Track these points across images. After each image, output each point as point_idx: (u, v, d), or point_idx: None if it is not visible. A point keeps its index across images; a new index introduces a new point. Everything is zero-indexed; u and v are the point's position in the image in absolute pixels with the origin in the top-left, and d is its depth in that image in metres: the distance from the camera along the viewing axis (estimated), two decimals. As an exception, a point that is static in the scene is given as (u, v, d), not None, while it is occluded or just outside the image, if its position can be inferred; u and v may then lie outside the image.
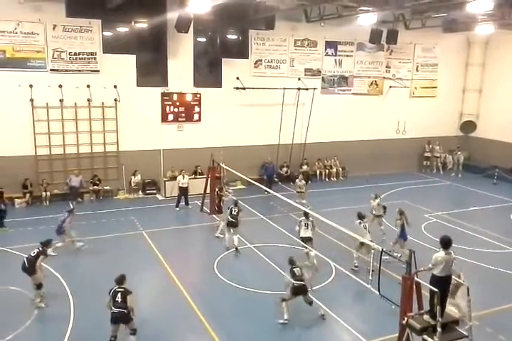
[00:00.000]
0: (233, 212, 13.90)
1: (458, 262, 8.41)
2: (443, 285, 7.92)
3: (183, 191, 18.13)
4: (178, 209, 18.00)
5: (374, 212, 14.57)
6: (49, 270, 12.18)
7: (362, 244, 12.05)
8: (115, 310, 8.72)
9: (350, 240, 13.13)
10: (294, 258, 10.64)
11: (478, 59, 25.55)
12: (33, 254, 10.60)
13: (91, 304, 10.34)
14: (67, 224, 13.27)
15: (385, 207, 14.67)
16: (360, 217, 12.80)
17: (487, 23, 20.50)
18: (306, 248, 12.55)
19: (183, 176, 18.28)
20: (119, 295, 8.73)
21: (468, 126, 26.18)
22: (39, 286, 10.48)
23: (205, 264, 13.05)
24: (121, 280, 8.99)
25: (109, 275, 12.14)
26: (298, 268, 10.17)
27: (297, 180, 18.33)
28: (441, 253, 7.99)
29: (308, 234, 12.61)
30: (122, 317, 8.73)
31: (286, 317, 9.88)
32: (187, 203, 18.20)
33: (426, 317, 8.12)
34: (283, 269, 12.34)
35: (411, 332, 8.07)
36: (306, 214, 12.77)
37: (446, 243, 8.12)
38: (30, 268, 10.45)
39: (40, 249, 10.75)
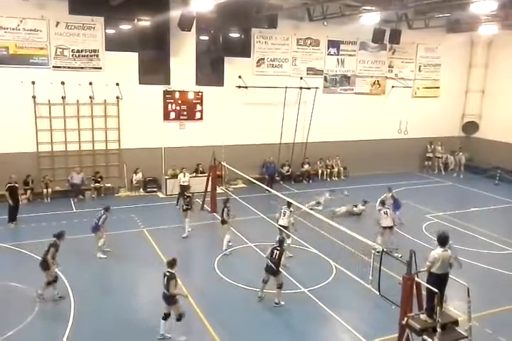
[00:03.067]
0: (224, 211, 14.03)
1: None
2: (440, 283, 7.95)
3: (184, 189, 18.10)
4: (178, 207, 18.00)
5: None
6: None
7: (384, 228, 13.51)
8: (163, 290, 9.26)
9: (350, 240, 13.15)
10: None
11: (481, 59, 25.50)
12: (46, 249, 10.61)
13: (91, 301, 10.38)
14: (102, 223, 13.10)
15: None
16: (382, 203, 14.18)
17: (490, 23, 20.47)
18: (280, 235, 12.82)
19: (184, 174, 18.28)
20: (165, 278, 9.19)
21: (471, 127, 26.15)
22: (49, 283, 10.46)
23: (206, 262, 13.06)
24: (171, 264, 9.30)
25: (110, 272, 12.23)
26: (278, 251, 10.64)
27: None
28: (437, 251, 8.07)
29: (282, 222, 13.22)
30: (164, 298, 9.27)
31: (259, 294, 10.86)
32: None
33: (423, 316, 8.13)
34: (283, 268, 12.38)
35: (411, 333, 8.08)
36: (288, 204, 13.29)
37: (443, 240, 8.19)
38: (43, 262, 10.50)
39: (52, 242, 10.72)
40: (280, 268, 10.72)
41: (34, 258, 12.78)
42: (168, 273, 9.15)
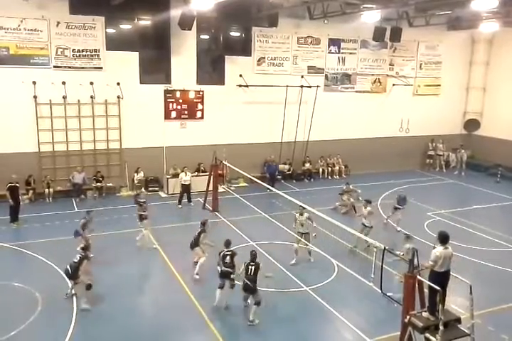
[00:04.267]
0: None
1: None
2: (443, 280, 7.96)
3: (186, 188, 18.16)
4: (180, 206, 18.03)
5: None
6: (50, 265, 12.26)
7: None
8: (223, 268, 10.32)
9: (351, 238, 13.17)
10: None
11: (483, 57, 25.45)
12: (75, 260, 10.30)
13: (92, 301, 10.37)
14: (81, 228, 12.74)
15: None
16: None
17: (491, 20, 20.40)
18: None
19: (186, 173, 18.30)
20: (227, 257, 10.33)
21: (472, 125, 26.12)
22: (88, 287, 10.31)
23: (207, 261, 13.04)
24: (228, 243, 10.59)
25: (111, 272, 12.24)
26: (253, 267, 9.98)
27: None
28: (439, 249, 8.10)
29: (302, 229, 12.85)
30: (228, 274, 10.31)
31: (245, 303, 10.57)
32: (189, 200, 18.23)
33: (425, 314, 8.14)
34: (284, 266, 12.40)
35: (413, 331, 8.09)
36: (301, 212, 12.83)
37: (443, 238, 8.21)
38: (73, 273, 10.25)
39: (82, 254, 10.45)
40: (258, 286, 9.98)
41: (37, 259, 12.86)
42: (229, 253, 10.46)
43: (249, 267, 10.03)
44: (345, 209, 17.34)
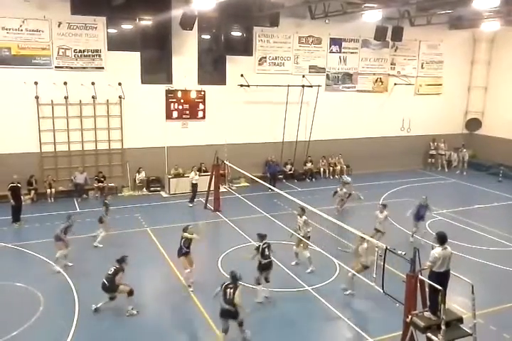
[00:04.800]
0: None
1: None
2: (442, 280, 7.95)
3: (195, 188, 18.23)
4: (191, 205, 18.12)
5: None
6: (52, 265, 12.27)
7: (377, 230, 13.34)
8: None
9: (351, 238, 13.14)
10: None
11: (484, 56, 25.42)
12: (110, 273, 10.18)
13: (96, 300, 10.38)
14: (62, 232, 12.41)
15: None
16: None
17: (493, 20, 20.37)
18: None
19: (195, 172, 18.30)
20: (229, 290, 8.86)
21: (474, 124, 26.08)
22: (130, 293, 10.21)
23: (209, 261, 13.06)
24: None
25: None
26: (232, 289, 8.93)
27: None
28: (437, 250, 8.11)
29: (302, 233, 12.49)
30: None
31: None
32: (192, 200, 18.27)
33: (427, 314, 8.13)
34: (286, 266, 12.40)
35: (415, 330, 8.08)
36: (300, 213, 12.50)
37: (442, 239, 8.21)
38: (110, 286, 10.11)
39: (118, 266, 10.29)
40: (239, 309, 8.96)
41: (38, 259, 12.88)
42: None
43: (228, 290, 8.85)
44: (343, 203, 17.31)
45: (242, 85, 20.89)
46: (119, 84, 18.90)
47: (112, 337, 9.50)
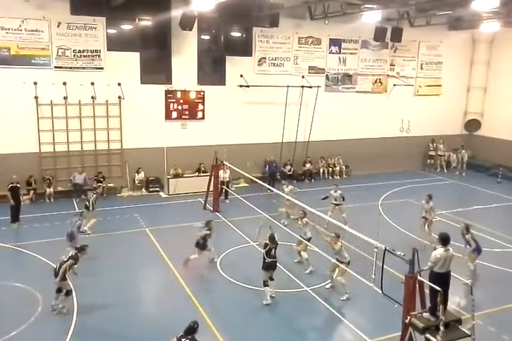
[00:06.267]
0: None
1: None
2: (443, 281, 7.95)
3: (225, 184, 18.40)
4: (228, 201, 18.63)
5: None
6: (51, 265, 12.25)
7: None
8: None
9: (351, 238, 13.13)
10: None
11: (483, 57, 25.44)
12: (64, 259, 10.14)
13: (94, 301, 10.38)
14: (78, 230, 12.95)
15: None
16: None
17: (492, 20, 20.40)
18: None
19: (224, 170, 18.26)
20: None
21: (473, 125, 26.10)
22: (67, 293, 10.18)
23: (209, 262, 13.06)
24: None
25: (112, 271, 12.24)
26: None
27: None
28: (439, 251, 8.13)
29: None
30: None
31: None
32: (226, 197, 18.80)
33: (426, 315, 8.13)
34: (285, 267, 12.39)
35: (414, 331, 8.08)
36: (300, 217, 12.66)
37: (444, 240, 8.22)
38: (58, 271, 10.02)
39: (73, 254, 10.26)
40: None
41: (37, 259, 12.87)
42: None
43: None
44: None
45: (241, 86, 20.89)
46: (119, 84, 18.89)
47: (111, 337, 9.49)
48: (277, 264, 10.95)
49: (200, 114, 20.58)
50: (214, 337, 9.44)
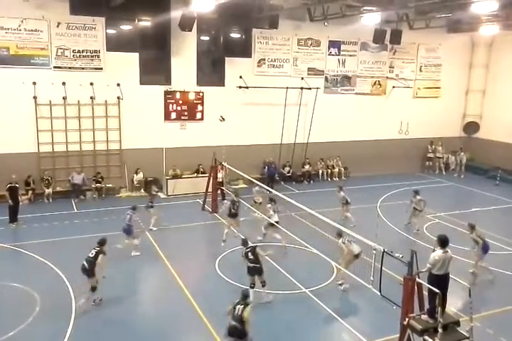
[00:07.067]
0: None
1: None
2: (441, 283, 7.96)
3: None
4: (226, 201, 18.35)
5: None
6: (49, 265, 12.25)
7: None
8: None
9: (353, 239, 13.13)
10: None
11: (482, 60, 25.49)
12: (91, 255, 10.27)
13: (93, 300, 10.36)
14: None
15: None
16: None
17: (491, 23, 20.46)
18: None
19: (219, 170, 18.13)
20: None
21: (471, 127, 26.15)
22: (93, 289, 10.28)
23: (207, 262, 13.07)
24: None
25: (111, 272, 12.20)
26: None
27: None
28: (438, 252, 8.11)
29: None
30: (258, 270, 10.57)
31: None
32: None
33: (424, 316, 8.13)
34: (284, 268, 12.39)
35: (412, 333, 8.08)
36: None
37: (443, 242, 8.21)
38: (90, 268, 10.19)
39: (98, 248, 10.41)
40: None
41: (35, 259, 12.85)
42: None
43: (238, 306, 8.10)
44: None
45: (240, 87, 20.90)
46: (118, 84, 18.88)
47: (109, 337, 9.47)
48: (262, 269, 10.75)
49: (199, 115, 20.58)
50: (211, 337, 9.43)
